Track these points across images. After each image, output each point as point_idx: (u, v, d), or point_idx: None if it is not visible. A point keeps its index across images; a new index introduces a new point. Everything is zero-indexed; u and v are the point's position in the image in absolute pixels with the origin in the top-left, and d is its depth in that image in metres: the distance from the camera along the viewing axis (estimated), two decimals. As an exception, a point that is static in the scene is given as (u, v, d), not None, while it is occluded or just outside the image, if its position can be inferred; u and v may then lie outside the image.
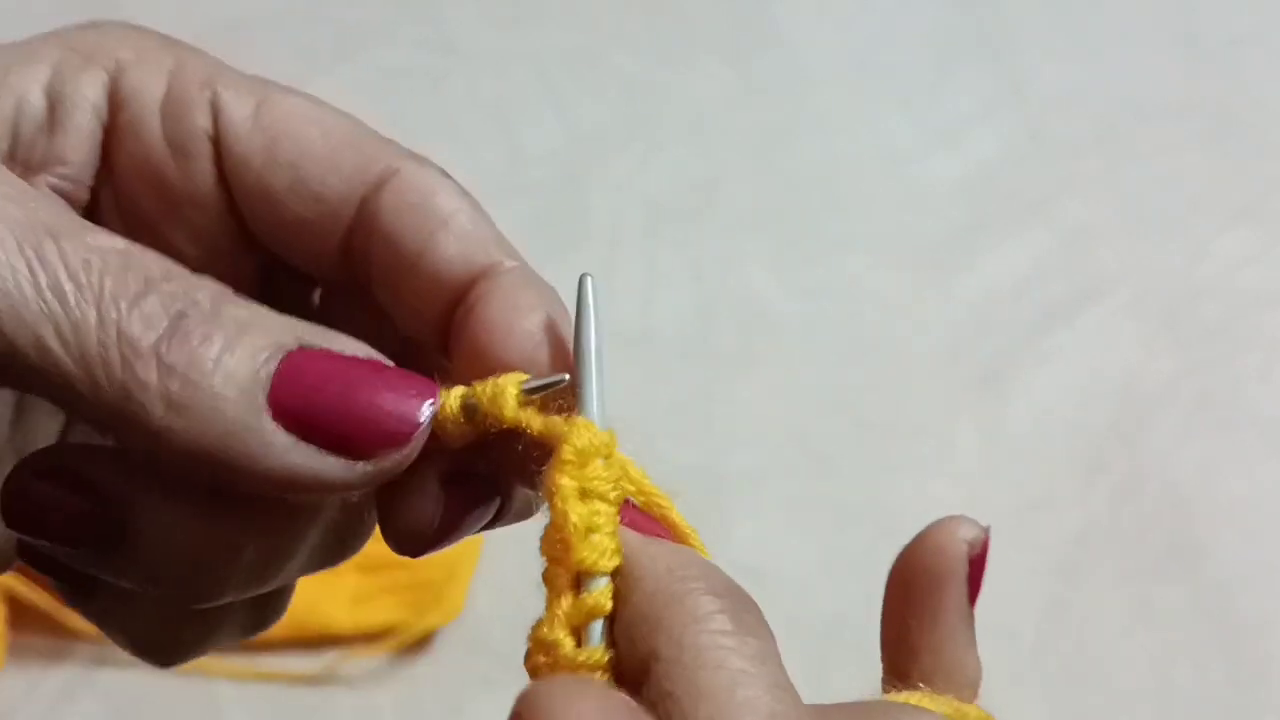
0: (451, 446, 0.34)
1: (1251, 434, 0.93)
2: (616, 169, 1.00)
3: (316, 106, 0.37)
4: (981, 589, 0.34)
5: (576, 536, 0.31)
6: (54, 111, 0.35)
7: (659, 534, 0.32)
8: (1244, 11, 1.10)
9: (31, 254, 0.29)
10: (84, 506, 0.32)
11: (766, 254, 0.98)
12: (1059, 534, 0.89)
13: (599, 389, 0.33)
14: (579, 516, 0.31)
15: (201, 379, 0.30)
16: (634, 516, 0.32)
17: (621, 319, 0.92)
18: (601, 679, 0.30)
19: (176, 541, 0.32)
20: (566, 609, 0.30)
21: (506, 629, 0.83)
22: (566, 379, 0.33)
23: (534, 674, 0.31)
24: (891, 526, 0.35)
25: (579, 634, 0.30)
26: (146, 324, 0.30)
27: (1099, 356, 0.95)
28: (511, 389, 0.33)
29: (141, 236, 0.36)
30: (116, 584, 0.34)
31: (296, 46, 1.03)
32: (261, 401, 0.30)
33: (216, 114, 0.36)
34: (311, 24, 1.04)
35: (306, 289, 0.40)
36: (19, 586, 0.79)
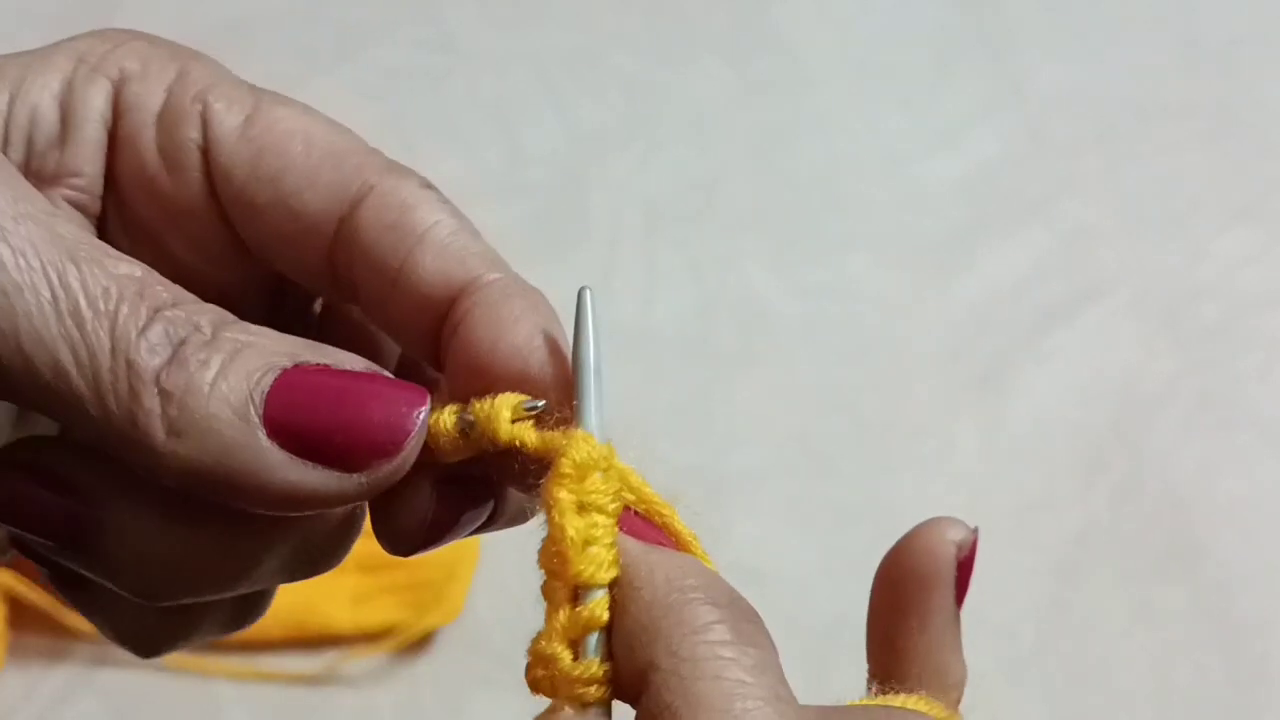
0: (448, 461, 0.34)
1: (1251, 434, 0.93)
2: (616, 169, 1.00)
3: (304, 117, 0.36)
4: (969, 591, 0.34)
5: (573, 550, 0.31)
6: (65, 123, 0.36)
7: (660, 541, 0.32)
8: (1244, 12, 1.10)
9: (54, 277, 0.30)
10: (53, 501, 0.33)
11: (766, 254, 0.98)
12: (1059, 534, 0.89)
13: (598, 404, 0.33)
14: (575, 530, 0.31)
15: (197, 403, 0.31)
16: (634, 523, 0.32)
17: (621, 319, 0.92)
18: (599, 692, 0.30)
19: (138, 541, 0.33)
20: (564, 622, 0.30)
21: (506, 629, 0.83)
22: (542, 405, 0.33)
23: (534, 687, 0.31)
24: (891, 526, 0.35)
25: (577, 646, 0.30)
26: (151, 351, 0.31)
27: (1099, 356, 0.95)
28: (505, 412, 0.33)
29: (143, 246, 0.36)
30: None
31: (296, 46, 1.03)
32: (256, 420, 0.31)
33: (206, 126, 0.36)
34: (311, 24, 1.04)
35: (310, 296, 0.40)
36: (19, 586, 0.79)
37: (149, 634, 0.36)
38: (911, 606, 0.34)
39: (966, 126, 1.04)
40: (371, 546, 0.37)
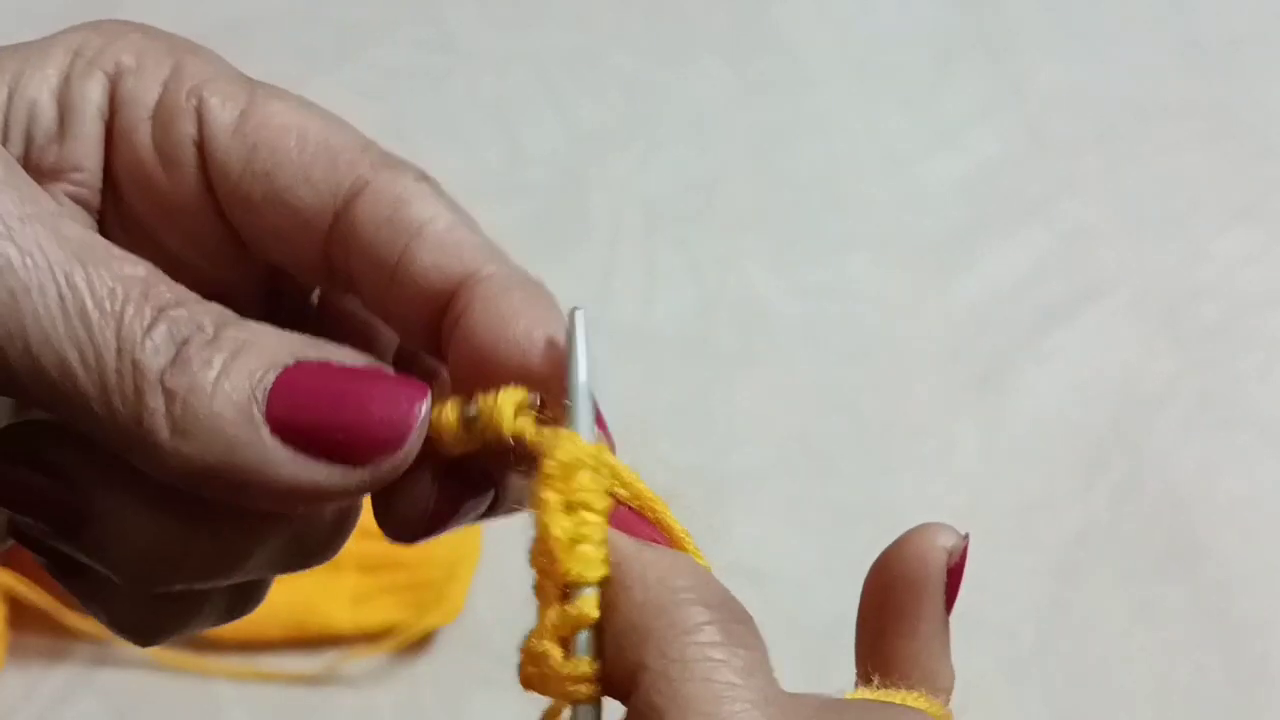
0: (450, 454, 0.34)
1: (1251, 434, 0.93)
2: (616, 169, 1.00)
3: (299, 112, 0.36)
4: (962, 594, 0.34)
5: (561, 549, 0.31)
6: (64, 117, 0.36)
7: (653, 537, 0.32)
8: (1244, 12, 1.10)
9: (62, 278, 0.30)
10: (46, 485, 0.33)
11: (766, 254, 0.98)
12: (1059, 534, 0.89)
13: (589, 424, 0.33)
14: (562, 530, 0.31)
15: (201, 403, 0.31)
16: (627, 519, 0.32)
17: (621, 319, 0.92)
18: (589, 689, 0.30)
19: (128, 528, 0.33)
20: (554, 619, 0.30)
21: (506, 629, 0.83)
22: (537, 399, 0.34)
23: (525, 684, 0.31)
24: (891, 527, 0.35)
25: (568, 644, 0.30)
26: (155, 352, 0.31)
27: (1099, 356, 0.95)
28: (509, 407, 0.33)
29: (141, 241, 0.36)
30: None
31: (296, 46, 1.03)
32: (259, 419, 0.31)
33: (201, 121, 0.36)
34: (311, 24, 1.04)
35: (308, 288, 0.40)
36: (19, 586, 0.79)
37: (146, 622, 0.37)
38: (901, 612, 0.34)
39: (966, 126, 1.04)
40: (372, 547, 0.37)
